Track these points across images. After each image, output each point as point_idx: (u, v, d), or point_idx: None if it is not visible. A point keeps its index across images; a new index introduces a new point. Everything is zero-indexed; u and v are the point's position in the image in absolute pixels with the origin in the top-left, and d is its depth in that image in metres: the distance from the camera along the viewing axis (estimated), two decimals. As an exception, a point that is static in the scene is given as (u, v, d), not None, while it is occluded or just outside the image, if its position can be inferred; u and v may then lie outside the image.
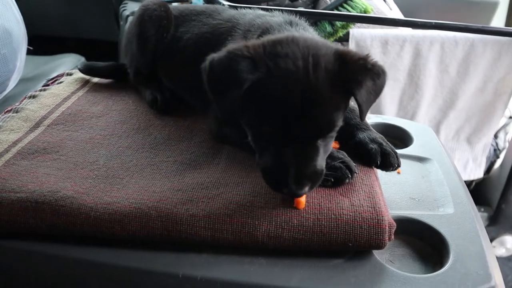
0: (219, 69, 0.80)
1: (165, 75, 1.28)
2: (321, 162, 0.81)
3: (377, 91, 0.83)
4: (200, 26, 1.18)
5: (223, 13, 1.19)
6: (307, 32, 0.97)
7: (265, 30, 0.95)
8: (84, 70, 1.37)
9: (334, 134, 0.83)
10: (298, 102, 0.76)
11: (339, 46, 0.87)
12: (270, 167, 0.80)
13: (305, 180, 0.78)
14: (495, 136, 2.32)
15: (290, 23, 0.98)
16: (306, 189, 0.78)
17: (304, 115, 0.77)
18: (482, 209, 2.32)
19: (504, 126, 2.36)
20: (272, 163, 0.80)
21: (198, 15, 1.22)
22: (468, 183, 2.35)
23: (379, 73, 0.82)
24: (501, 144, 2.33)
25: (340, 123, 0.82)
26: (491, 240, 2.35)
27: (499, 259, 2.40)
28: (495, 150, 2.30)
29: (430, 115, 2.06)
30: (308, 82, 0.77)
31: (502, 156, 2.30)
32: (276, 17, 1.03)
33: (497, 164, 2.31)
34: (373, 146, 0.92)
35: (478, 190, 2.39)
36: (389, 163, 0.91)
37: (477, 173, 2.20)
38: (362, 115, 0.84)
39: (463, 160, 2.16)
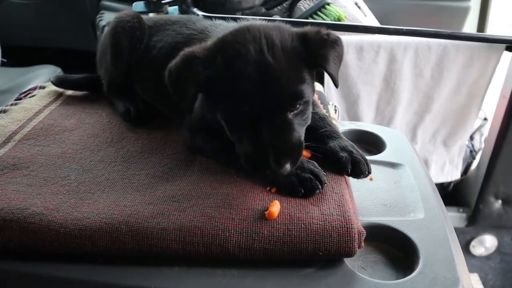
0: (176, 72, 0.89)
1: (139, 85, 1.28)
2: (297, 137, 0.85)
3: (340, 57, 0.91)
4: (174, 35, 1.19)
5: (197, 23, 1.20)
6: None
7: None
8: (56, 82, 1.36)
9: (305, 110, 0.88)
10: (255, 78, 0.81)
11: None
12: (249, 153, 0.85)
13: (285, 157, 0.82)
14: (471, 138, 2.36)
15: None
16: (288, 166, 0.82)
17: (265, 89, 0.81)
18: (461, 210, 2.36)
19: (479, 128, 2.41)
20: (250, 148, 0.84)
21: (172, 24, 1.23)
22: (446, 185, 2.39)
23: (336, 40, 0.90)
24: (477, 145, 2.38)
25: (308, 96, 0.87)
26: (470, 240, 2.39)
27: (479, 258, 2.44)
28: (471, 151, 2.34)
29: (407, 119, 2.09)
30: (263, 58, 0.82)
31: (478, 157, 2.34)
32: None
33: (473, 165, 2.35)
34: (343, 154, 0.93)
35: (457, 191, 2.43)
36: (359, 171, 0.92)
37: (454, 175, 2.24)
38: (336, 83, 0.91)
39: (440, 162, 2.20)
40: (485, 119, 2.44)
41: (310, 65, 0.88)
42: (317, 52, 0.87)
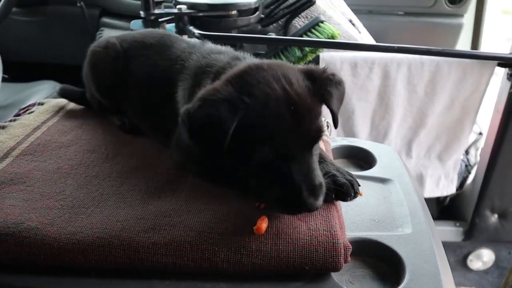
0: (200, 121, 0.82)
1: (126, 109, 1.29)
2: (319, 170, 0.86)
3: (341, 97, 0.92)
4: (150, 64, 1.18)
5: (172, 48, 1.18)
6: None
7: (217, 72, 0.97)
8: (61, 93, 1.42)
9: (320, 141, 0.89)
10: (288, 119, 0.80)
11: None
12: (281, 194, 0.82)
13: (318, 191, 0.81)
14: (466, 152, 2.39)
15: (237, 59, 1.00)
16: (321, 199, 0.82)
17: (297, 128, 0.81)
18: (457, 224, 2.38)
19: (474, 142, 2.43)
20: (281, 189, 0.82)
21: (148, 49, 1.22)
22: (442, 199, 2.41)
23: (340, 81, 0.92)
24: (472, 159, 2.40)
25: (323, 129, 0.88)
26: (468, 254, 2.39)
27: (477, 272, 2.44)
28: (466, 166, 2.36)
29: (401, 134, 2.11)
30: (290, 98, 0.82)
31: (473, 171, 2.36)
32: (221, 54, 1.05)
33: (469, 180, 2.37)
34: (326, 180, 0.91)
35: (453, 205, 2.44)
36: (344, 195, 0.92)
37: (450, 189, 2.26)
38: (336, 122, 0.92)
39: (436, 177, 2.22)
40: (480, 133, 2.46)
41: (318, 101, 0.88)
42: (325, 89, 0.88)
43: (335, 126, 0.93)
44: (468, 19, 2.56)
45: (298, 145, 0.82)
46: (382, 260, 0.89)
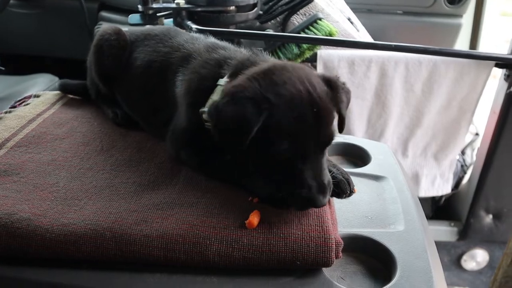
0: (226, 116, 0.84)
1: (121, 98, 1.30)
2: (327, 169, 0.90)
3: (348, 104, 0.97)
4: (150, 52, 1.19)
5: (174, 38, 1.19)
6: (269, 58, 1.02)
7: (238, 65, 0.97)
8: (61, 88, 1.43)
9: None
10: (310, 120, 0.83)
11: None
12: (291, 189, 0.85)
13: (326, 189, 0.85)
14: (462, 153, 2.39)
15: (256, 54, 1.02)
16: (328, 196, 0.86)
17: (317, 129, 0.84)
18: (452, 224, 2.38)
19: (471, 142, 2.43)
20: (291, 185, 0.85)
21: (150, 39, 1.24)
22: (438, 199, 2.41)
23: (348, 91, 0.98)
24: (468, 160, 2.40)
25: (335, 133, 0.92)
26: (462, 254, 2.40)
27: (471, 272, 2.44)
28: (462, 166, 2.37)
29: (398, 133, 2.11)
30: (314, 100, 0.85)
31: (469, 172, 2.36)
32: (232, 50, 1.06)
33: (465, 180, 2.37)
34: None
35: (448, 205, 2.45)
36: (340, 191, 0.94)
37: (445, 189, 2.26)
38: (344, 126, 0.96)
39: (431, 176, 2.22)
40: (477, 134, 2.46)
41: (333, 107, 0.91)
42: (340, 97, 0.92)
43: (341, 131, 0.96)
44: (467, 20, 2.57)
45: (314, 145, 0.85)
46: (374, 257, 0.90)
